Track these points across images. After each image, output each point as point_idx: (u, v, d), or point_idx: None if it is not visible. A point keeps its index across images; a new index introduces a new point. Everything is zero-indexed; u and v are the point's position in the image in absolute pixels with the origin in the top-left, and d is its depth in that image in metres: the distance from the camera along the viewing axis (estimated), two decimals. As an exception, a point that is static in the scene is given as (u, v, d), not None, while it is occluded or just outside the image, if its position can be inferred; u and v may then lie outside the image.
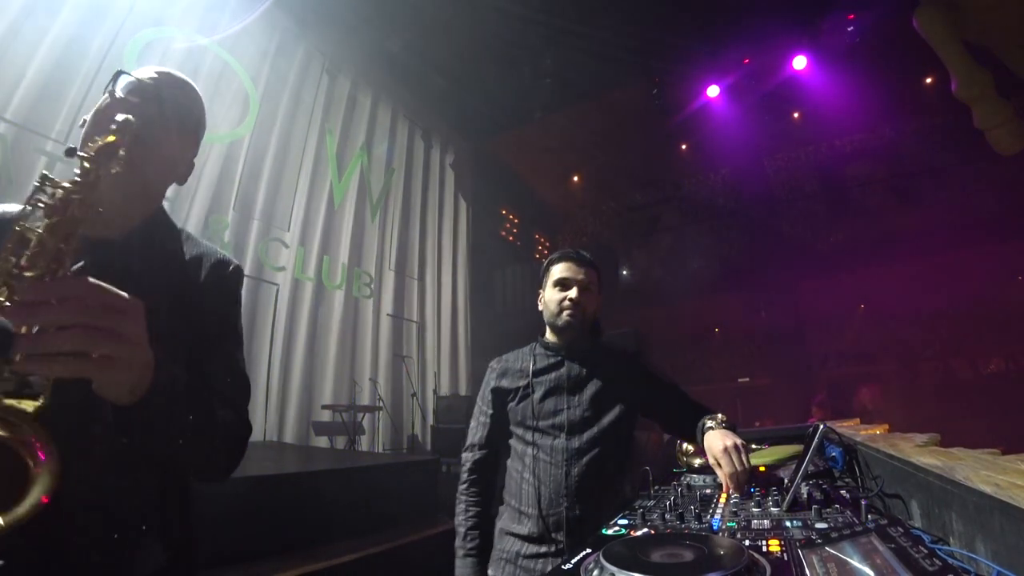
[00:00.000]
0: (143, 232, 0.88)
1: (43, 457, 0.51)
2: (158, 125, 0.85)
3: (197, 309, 0.86)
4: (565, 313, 1.48)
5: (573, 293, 1.48)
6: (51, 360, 0.52)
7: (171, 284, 0.85)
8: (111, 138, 0.65)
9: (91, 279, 0.55)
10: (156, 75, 0.90)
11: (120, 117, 0.68)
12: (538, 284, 1.61)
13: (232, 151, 5.05)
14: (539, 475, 1.41)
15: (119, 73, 0.87)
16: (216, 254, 0.94)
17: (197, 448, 0.75)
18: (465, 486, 1.51)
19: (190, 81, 0.97)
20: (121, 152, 0.66)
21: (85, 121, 0.86)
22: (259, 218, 5.24)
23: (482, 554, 1.43)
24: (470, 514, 1.46)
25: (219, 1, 4.96)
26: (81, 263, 0.74)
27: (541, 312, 1.60)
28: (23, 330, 0.52)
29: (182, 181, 0.96)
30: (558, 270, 1.52)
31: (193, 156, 0.97)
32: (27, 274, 0.55)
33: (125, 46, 4.19)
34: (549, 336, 1.58)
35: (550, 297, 1.53)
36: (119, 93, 0.85)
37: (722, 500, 1.16)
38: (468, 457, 1.54)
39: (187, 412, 0.70)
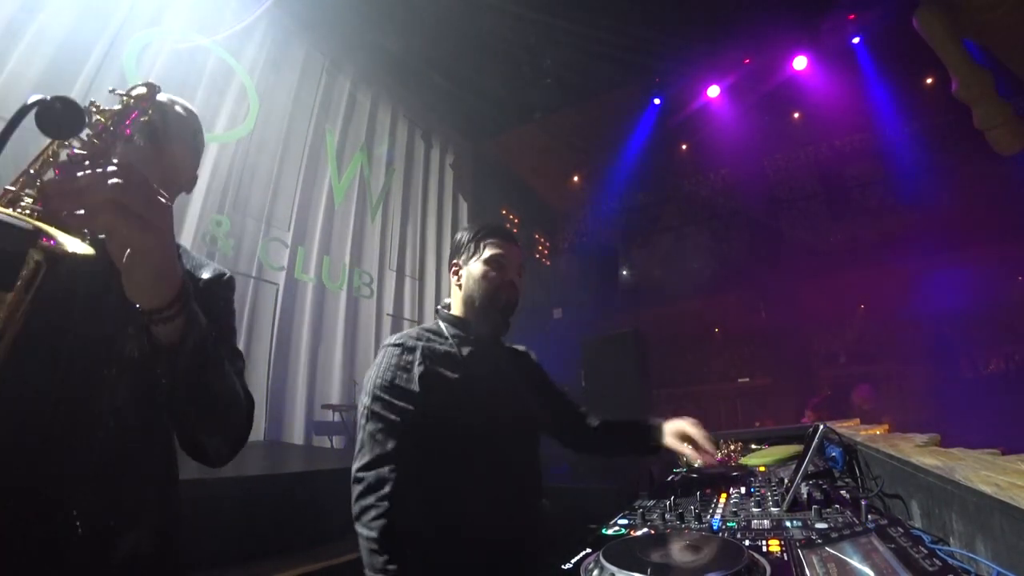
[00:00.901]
0: None
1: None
2: (166, 131, 0.89)
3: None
4: (505, 297, 1.31)
5: (515, 276, 1.34)
6: (96, 211, 0.53)
7: None
8: (143, 90, 0.73)
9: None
10: (160, 88, 0.95)
11: (143, 87, 0.76)
12: (455, 252, 1.40)
13: (232, 151, 5.05)
14: (486, 488, 1.17)
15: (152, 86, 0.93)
16: (209, 266, 0.99)
17: (213, 406, 0.72)
18: (387, 519, 1.05)
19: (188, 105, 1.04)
20: (150, 112, 0.75)
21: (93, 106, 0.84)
22: (259, 218, 5.24)
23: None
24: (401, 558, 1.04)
25: (219, 1, 4.96)
26: None
27: (458, 284, 1.37)
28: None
29: (188, 189, 1.01)
30: (493, 245, 1.33)
31: (196, 167, 1.01)
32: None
33: (125, 46, 4.19)
34: (461, 316, 1.35)
35: (479, 275, 1.31)
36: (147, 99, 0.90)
37: (722, 499, 1.16)
38: (382, 476, 1.08)
39: (209, 350, 0.68)
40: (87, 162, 0.58)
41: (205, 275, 0.97)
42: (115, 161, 0.56)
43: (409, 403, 1.15)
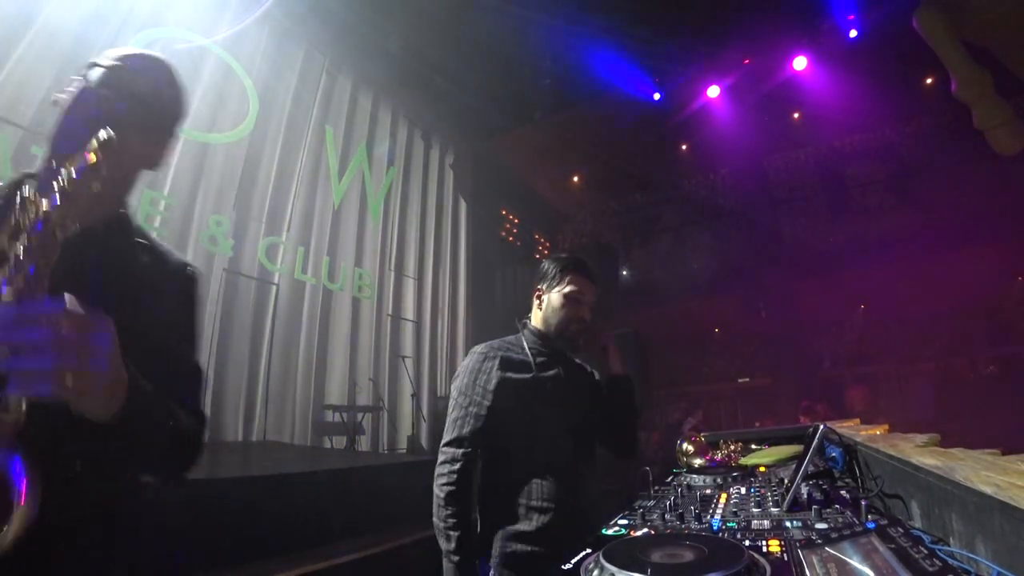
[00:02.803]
0: (103, 232, 0.85)
1: (23, 494, 0.53)
2: (129, 122, 0.82)
3: (155, 311, 0.84)
4: (575, 329, 1.52)
5: (587, 314, 1.54)
6: (28, 379, 0.53)
7: (127, 285, 0.83)
8: (92, 159, 0.62)
9: (67, 299, 0.55)
10: (128, 63, 0.88)
11: (102, 135, 0.65)
12: (541, 278, 1.59)
13: (232, 151, 5.05)
14: (553, 471, 1.41)
15: (92, 65, 0.86)
16: (173, 256, 0.95)
17: (163, 453, 0.79)
18: (455, 486, 1.35)
19: (165, 61, 0.94)
20: (103, 172, 0.64)
21: (56, 101, 0.84)
22: (259, 218, 5.24)
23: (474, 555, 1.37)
24: (460, 516, 1.35)
25: (219, 1, 4.96)
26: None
27: (539, 306, 1.58)
28: None
29: (155, 168, 0.94)
30: (573, 281, 1.53)
31: (168, 142, 0.94)
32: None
33: (126, 46, 4.19)
34: (541, 331, 1.57)
35: (558, 306, 1.53)
36: (92, 85, 0.84)
37: (722, 500, 1.16)
38: (456, 453, 1.38)
39: (156, 423, 0.73)
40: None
41: (171, 266, 0.93)
42: (50, 323, 0.53)
43: (485, 399, 1.42)
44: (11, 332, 0.53)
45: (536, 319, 1.59)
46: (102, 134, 0.67)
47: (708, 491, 1.29)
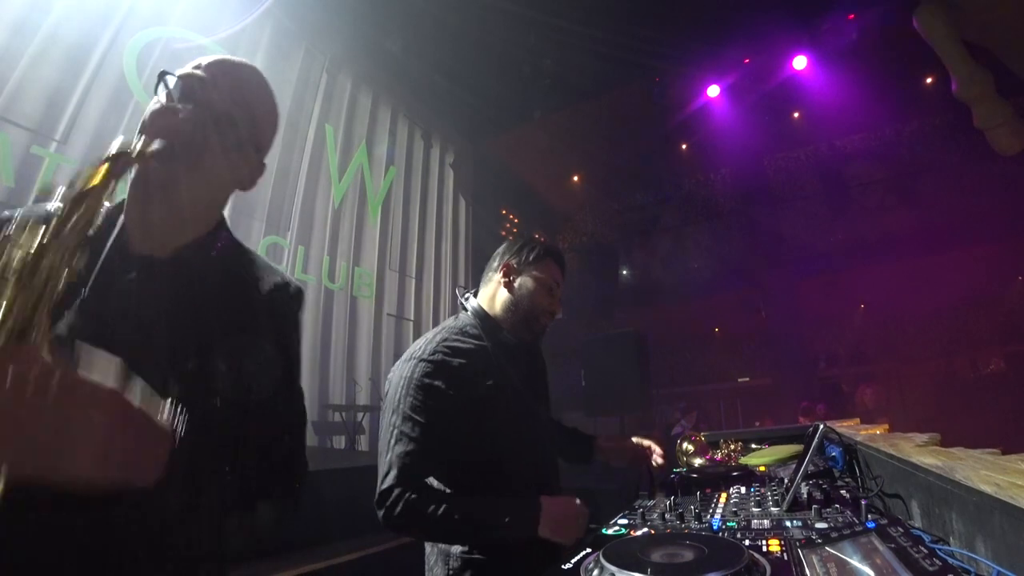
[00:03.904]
0: (194, 251, 0.79)
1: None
2: (202, 135, 0.76)
3: (254, 335, 0.77)
4: (544, 320, 1.39)
5: (558, 308, 1.41)
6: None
7: (223, 308, 0.76)
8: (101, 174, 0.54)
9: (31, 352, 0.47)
10: (207, 71, 0.80)
11: (142, 144, 0.59)
12: (515, 253, 1.40)
13: (232, 151, 5.04)
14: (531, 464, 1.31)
15: (163, 74, 0.78)
16: (276, 275, 0.87)
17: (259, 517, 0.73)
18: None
19: (251, 66, 0.87)
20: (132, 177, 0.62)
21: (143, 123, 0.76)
22: (259, 218, 5.24)
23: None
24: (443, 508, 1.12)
25: (219, 1, 4.96)
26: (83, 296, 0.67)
27: (506, 284, 1.38)
28: None
29: (247, 187, 0.88)
30: (551, 272, 1.39)
31: (259, 156, 0.89)
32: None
33: (125, 46, 4.19)
34: (494, 315, 1.37)
35: (534, 296, 1.36)
36: (163, 98, 0.76)
37: (722, 499, 1.16)
38: (404, 494, 1.13)
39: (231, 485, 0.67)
40: None
41: (270, 286, 0.84)
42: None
43: (439, 419, 1.19)
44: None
45: (497, 299, 1.38)
46: (153, 142, 0.63)
47: (708, 491, 1.29)
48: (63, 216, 0.52)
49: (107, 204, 0.73)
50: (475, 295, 1.43)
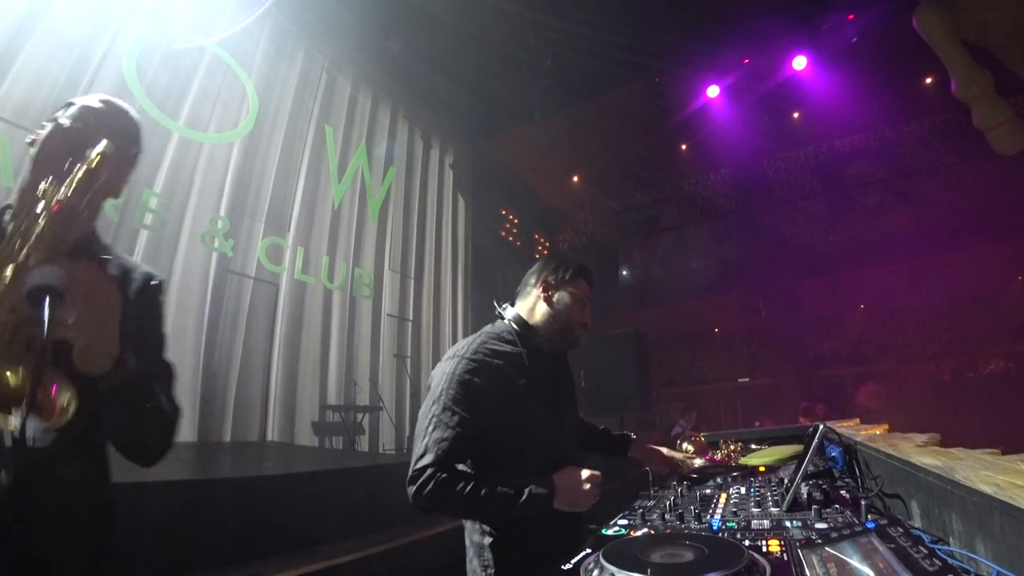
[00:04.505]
0: (77, 252, 0.95)
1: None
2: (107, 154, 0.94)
3: (128, 320, 0.95)
4: (579, 332, 1.51)
5: (588, 320, 1.54)
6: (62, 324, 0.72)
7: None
8: (95, 162, 0.81)
9: (82, 264, 0.78)
10: (102, 104, 1.02)
11: (102, 147, 0.82)
12: (553, 270, 1.52)
13: (232, 152, 5.05)
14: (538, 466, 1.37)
15: (69, 103, 1.00)
16: (140, 268, 1.08)
17: (147, 430, 0.94)
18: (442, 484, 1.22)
19: (129, 109, 1.09)
20: (101, 179, 0.82)
21: (34, 140, 0.98)
22: (259, 218, 5.24)
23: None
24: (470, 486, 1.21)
25: (219, 1, 4.96)
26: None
27: (545, 299, 1.50)
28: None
29: (117, 196, 1.09)
30: (584, 289, 1.53)
31: (129, 176, 1.10)
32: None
33: (125, 46, 4.19)
34: (537, 324, 1.50)
35: (571, 309, 1.49)
36: (67, 122, 0.97)
37: (722, 499, 1.16)
38: (435, 474, 1.21)
39: (140, 394, 0.90)
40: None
41: (136, 277, 1.06)
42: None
43: (474, 414, 1.31)
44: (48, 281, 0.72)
45: (536, 311, 1.51)
46: (102, 146, 0.82)
47: (708, 491, 1.29)
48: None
49: None
50: (511, 305, 1.58)
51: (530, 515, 1.21)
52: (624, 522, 1.04)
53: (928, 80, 7.32)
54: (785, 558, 0.71)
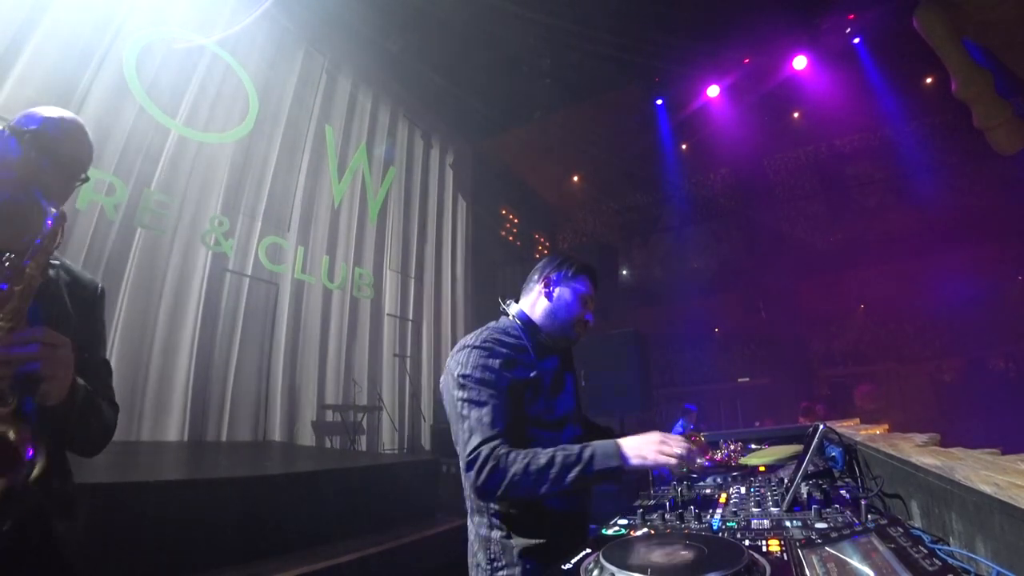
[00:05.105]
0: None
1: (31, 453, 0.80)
2: (47, 174, 1.01)
3: (74, 325, 1.03)
4: (579, 329, 1.52)
5: (591, 317, 1.54)
6: (28, 381, 0.81)
7: (52, 306, 1.02)
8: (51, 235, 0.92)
9: (45, 328, 0.85)
10: (55, 130, 1.06)
11: (54, 219, 0.92)
12: (555, 268, 1.53)
13: (232, 151, 5.05)
14: None
15: (29, 114, 1.07)
16: (84, 277, 1.13)
17: (92, 433, 1.03)
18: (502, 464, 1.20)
19: (79, 123, 1.12)
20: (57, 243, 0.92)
21: None
22: (259, 218, 5.24)
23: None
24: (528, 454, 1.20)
25: (219, 1, 4.96)
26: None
27: (546, 295, 1.51)
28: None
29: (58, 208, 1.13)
30: (586, 287, 1.53)
31: (73, 190, 1.13)
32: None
33: (125, 46, 4.19)
34: (539, 322, 1.51)
35: (571, 307, 1.50)
36: (17, 153, 1.01)
37: (722, 499, 1.16)
38: (494, 448, 1.21)
39: (91, 409, 0.99)
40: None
41: (82, 286, 1.11)
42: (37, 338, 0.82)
43: (502, 393, 1.33)
44: (16, 349, 0.81)
45: (537, 307, 1.52)
46: (55, 219, 0.91)
47: (708, 491, 1.29)
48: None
49: None
50: (516, 302, 1.59)
51: (600, 476, 1.17)
52: (624, 522, 1.04)
53: (928, 80, 7.32)
54: (785, 558, 0.71)
